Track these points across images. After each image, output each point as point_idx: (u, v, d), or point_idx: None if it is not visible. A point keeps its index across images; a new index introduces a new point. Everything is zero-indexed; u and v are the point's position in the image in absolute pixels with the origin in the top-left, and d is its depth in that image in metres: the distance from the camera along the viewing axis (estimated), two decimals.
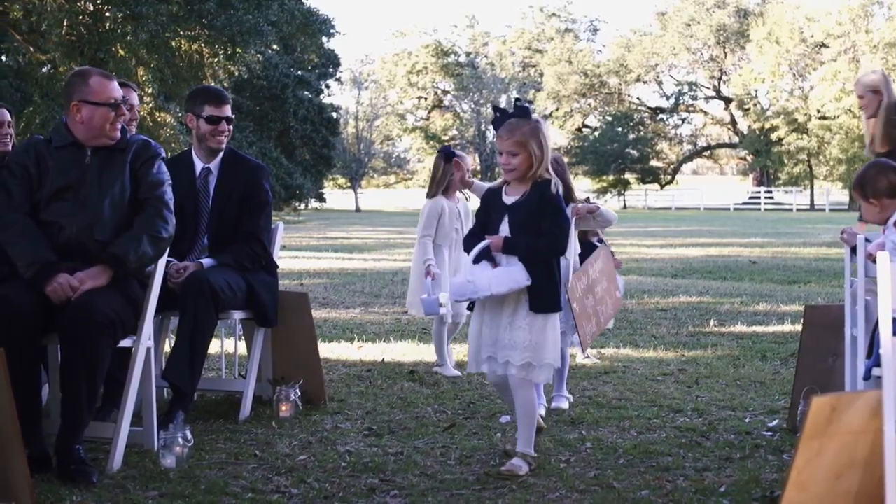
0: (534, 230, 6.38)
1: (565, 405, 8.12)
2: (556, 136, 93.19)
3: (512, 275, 6.30)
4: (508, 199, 6.49)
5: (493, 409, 7.93)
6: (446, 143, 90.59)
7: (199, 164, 7.86)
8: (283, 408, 7.59)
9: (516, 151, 6.33)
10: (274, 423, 7.38)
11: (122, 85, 7.44)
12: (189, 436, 6.48)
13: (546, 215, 6.39)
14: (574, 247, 7.97)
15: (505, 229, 6.46)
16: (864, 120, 9.15)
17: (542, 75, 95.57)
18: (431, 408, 7.95)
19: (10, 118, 8.30)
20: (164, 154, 6.87)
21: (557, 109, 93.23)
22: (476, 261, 6.43)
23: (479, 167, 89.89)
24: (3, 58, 32.28)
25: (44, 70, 28.84)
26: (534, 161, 6.34)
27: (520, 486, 6.05)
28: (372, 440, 7.10)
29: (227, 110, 7.91)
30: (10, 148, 6.71)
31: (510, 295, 6.34)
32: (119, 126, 6.58)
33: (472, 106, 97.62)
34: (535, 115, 6.55)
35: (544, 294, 6.39)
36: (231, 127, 7.91)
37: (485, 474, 6.27)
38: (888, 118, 8.56)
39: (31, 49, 27.84)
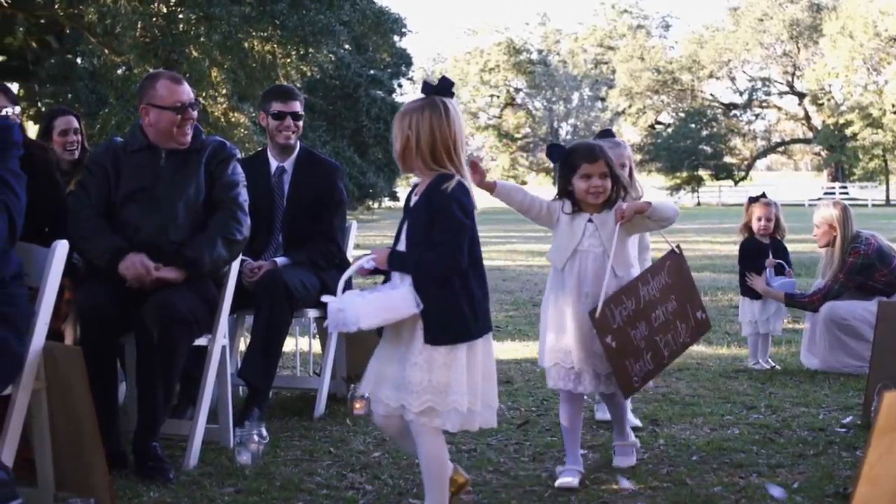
0: (427, 240, 5.16)
1: (630, 460, 6.47)
2: (629, 134, 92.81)
3: (390, 301, 5.10)
4: (413, 200, 5.34)
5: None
6: (518, 141, 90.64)
7: (273, 164, 7.92)
8: (358, 405, 7.57)
9: (396, 135, 5.26)
10: (348, 420, 7.42)
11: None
12: (264, 433, 6.54)
13: (435, 221, 5.13)
14: (629, 258, 6.37)
15: (402, 239, 5.30)
16: None
17: (614, 72, 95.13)
18: (505, 405, 7.96)
19: (76, 125, 8.37)
20: (239, 155, 6.93)
21: (630, 106, 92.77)
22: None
23: (552, 165, 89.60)
24: (79, 60, 32.56)
25: (119, 72, 29.07)
26: (399, 146, 5.26)
27: (593, 482, 6.05)
28: (446, 437, 7.11)
29: (294, 106, 7.95)
30: (76, 156, 6.79)
31: (406, 322, 5.11)
32: (188, 130, 6.63)
33: (545, 104, 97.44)
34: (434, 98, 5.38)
35: (441, 321, 5.10)
36: (299, 123, 7.95)
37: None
38: None
39: (107, 51, 28.06)
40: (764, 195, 10.20)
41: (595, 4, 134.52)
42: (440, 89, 5.35)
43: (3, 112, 6.71)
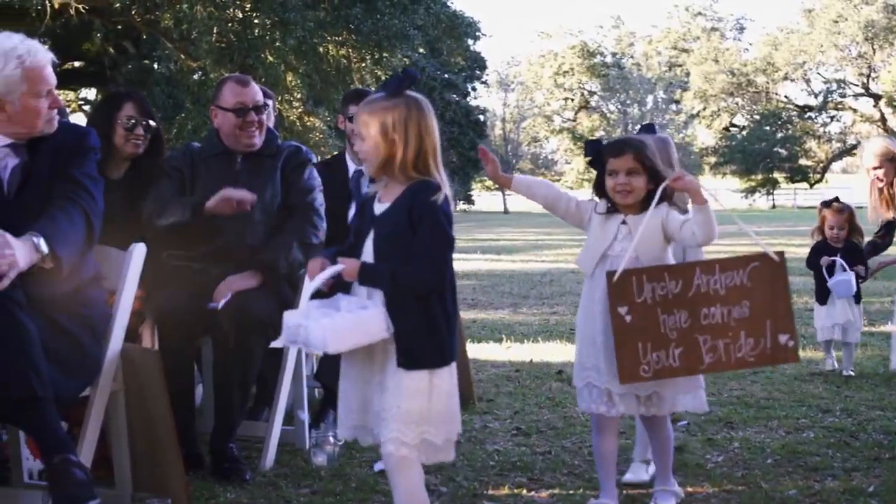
0: (403, 253, 4.66)
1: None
2: (704, 136, 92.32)
3: (361, 322, 4.60)
4: (378, 208, 4.80)
5: None
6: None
7: (351, 167, 7.93)
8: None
9: (361, 135, 4.79)
10: None
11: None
12: (340, 434, 6.57)
13: (418, 231, 4.63)
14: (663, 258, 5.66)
15: (368, 250, 4.76)
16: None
17: (688, 75, 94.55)
18: (577, 408, 7.95)
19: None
20: (314, 159, 6.97)
21: (704, 109, 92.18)
22: (327, 294, 4.81)
23: None
24: (156, 65, 32.83)
25: (195, 77, 29.27)
26: (380, 150, 4.72)
27: None
28: (520, 439, 7.12)
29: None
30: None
31: (377, 344, 4.64)
32: (253, 132, 6.67)
33: (619, 106, 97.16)
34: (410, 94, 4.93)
35: (416, 344, 4.62)
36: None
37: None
38: None
39: (183, 56, 28.28)
40: (836, 200, 9.97)
41: (669, 7, 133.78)
42: (410, 83, 4.91)
43: (131, 122, 6.79)
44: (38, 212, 5.09)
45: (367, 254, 4.76)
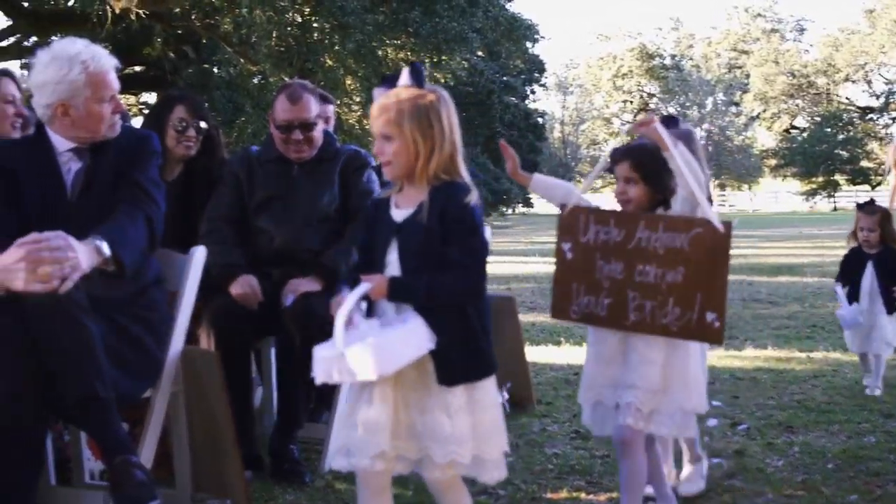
0: (434, 262, 4.28)
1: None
2: (764, 138, 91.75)
3: (408, 336, 4.21)
4: (398, 214, 4.41)
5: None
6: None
7: None
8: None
9: (389, 134, 4.35)
10: None
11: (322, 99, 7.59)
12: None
13: (452, 238, 4.28)
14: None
15: (393, 262, 4.37)
16: None
17: (748, 76, 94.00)
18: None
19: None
20: (374, 163, 6.99)
21: (765, 111, 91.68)
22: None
23: None
24: (216, 70, 33.00)
25: (254, 80, 29.42)
26: (417, 149, 4.32)
27: (726, 490, 6.02)
28: (579, 443, 7.11)
29: (327, 111, 8.03)
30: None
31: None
32: (301, 148, 6.71)
33: (679, 109, 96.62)
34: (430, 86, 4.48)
35: (456, 357, 4.30)
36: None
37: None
38: None
39: (242, 60, 28.40)
40: (871, 202, 9.41)
41: (728, 8, 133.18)
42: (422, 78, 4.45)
43: (181, 124, 6.86)
44: (100, 215, 5.14)
45: (392, 267, 4.36)
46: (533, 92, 68.37)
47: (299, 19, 26.31)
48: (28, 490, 4.77)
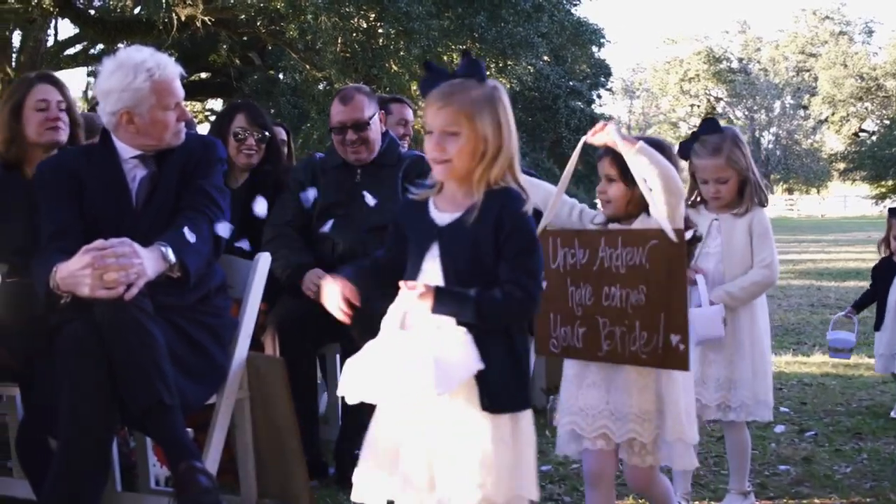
0: (480, 274, 3.87)
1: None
2: (833, 142, 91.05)
3: (464, 354, 3.78)
4: (441, 218, 3.99)
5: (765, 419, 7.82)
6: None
7: None
8: (557, 416, 7.61)
9: (455, 130, 3.91)
10: (547, 431, 7.42)
11: (395, 101, 7.59)
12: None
13: (507, 251, 3.86)
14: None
15: (434, 270, 3.95)
16: None
17: (816, 79, 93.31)
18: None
19: (285, 137, 8.57)
20: None
21: (833, 114, 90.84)
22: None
23: None
24: (281, 76, 33.11)
25: (320, 87, 29.47)
26: (486, 147, 3.92)
27: (794, 497, 5.98)
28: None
29: (404, 113, 8.01)
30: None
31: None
32: (356, 149, 6.73)
33: (746, 113, 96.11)
34: None
35: (503, 382, 3.85)
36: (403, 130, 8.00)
37: (759, 485, 6.20)
38: None
39: (308, 67, 28.46)
40: None
41: (796, 11, 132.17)
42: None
43: (241, 133, 6.91)
44: (165, 222, 5.18)
45: (429, 274, 3.96)
46: (599, 96, 68.11)
47: (364, 25, 26.34)
48: (94, 496, 4.80)
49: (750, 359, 5.52)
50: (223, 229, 5.41)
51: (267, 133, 6.98)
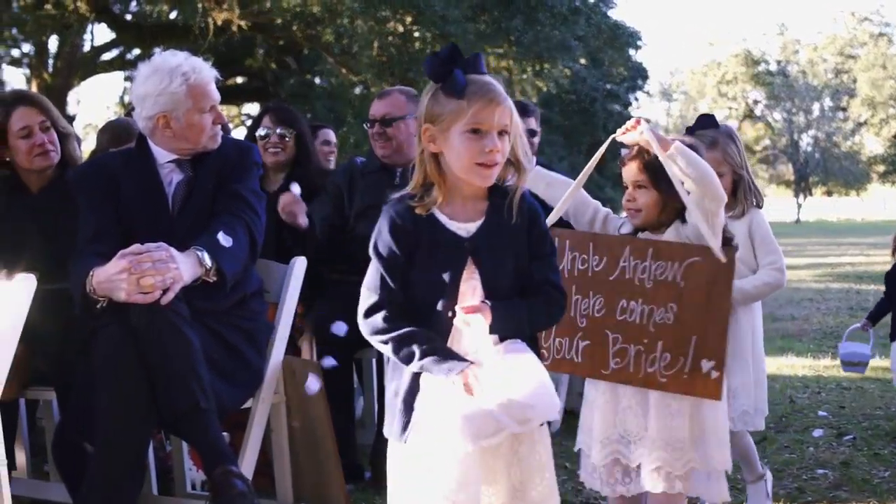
0: (521, 280, 3.73)
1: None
2: (872, 144, 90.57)
3: (541, 376, 3.51)
4: (461, 228, 3.71)
5: (805, 423, 7.78)
6: (758, 154, 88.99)
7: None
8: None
9: (511, 131, 3.68)
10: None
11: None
12: None
13: (540, 246, 3.78)
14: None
15: (473, 289, 3.68)
16: None
17: (855, 81, 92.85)
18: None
19: (334, 139, 8.63)
20: None
21: (872, 116, 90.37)
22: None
23: (792, 178, 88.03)
24: (317, 80, 33.19)
25: (356, 91, 29.53)
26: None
27: (832, 501, 5.94)
28: None
29: (531, 123, 7.96)
30: (332, 166, 7.00)
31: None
32: (381, 144, 6.77)
33: (784, 115, 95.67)
34: None
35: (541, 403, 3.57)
36: (534, 140, 7.96)
37: (796, 489, 6.16)
38: None
39: (344, 70, 28.50)
40: None
41: (834, 13, 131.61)
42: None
43: (264, 133, 6.94)
44: (202, 226, 5.18)
45: (470, 294, 3.68)
46: (636, 99, 67.95)
47: (401, 29, 26.35)
48: (131, 499, 4.81)
49: (751, 367, 5.37)
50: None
51: (292, 131, 6.99)
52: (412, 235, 3.74)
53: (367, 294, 3.80)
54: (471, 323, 3.57)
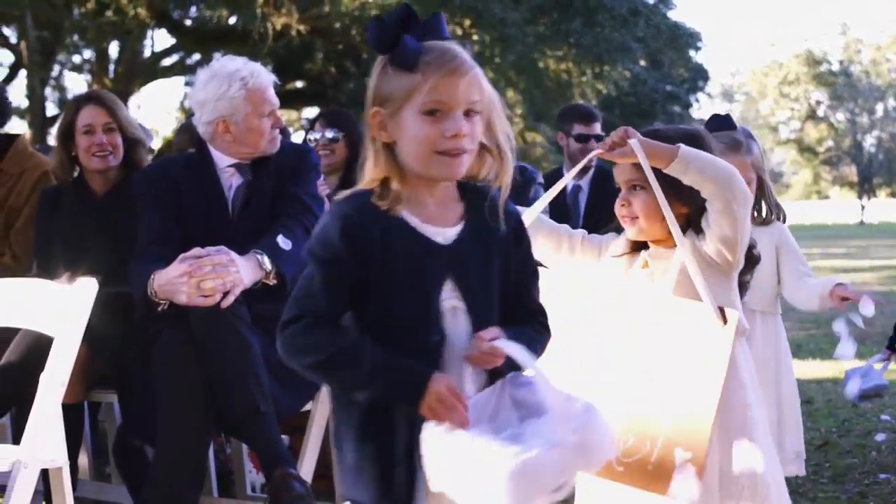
0: (499, 306, 3.00)
1: None
2: None
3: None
4: (437, 234, 2.95)
5: (868, 427, 7.72)
6: (820, 155, 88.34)
7: (571, 181, 7.94)
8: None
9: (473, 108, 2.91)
10: None
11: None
12: None
13: (528, 264, 3.12)
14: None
15: (452, 310, 2.94)
16: None
17: None
18: (805, 425, 7.80)
19: None
20: (540, 179, 6.99)
21: None
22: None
23: (856, 179, 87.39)
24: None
25: None
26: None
27: None
28: None
29: (596, 128, 7.96)
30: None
31: None
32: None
33: (848, 116, 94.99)
34: None
35: None
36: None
37: (858, 494, 6.12)
38: None
39: None
40: None
41: None
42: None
43: (315, 137, 6.95)
44: (261, 230, 5.21)
45: (453, 317, 2.94)
46: (697, 100, 67.65)
47: (459, 32, 26.37)
48: (191, 501, 4.84)
49: (775, 400, 5.02)
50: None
51: (342, 133, 6.97)
52: (374, 240, 2.91)
53: (292, 305, 2.99)
54: (508, 349, 2.80)
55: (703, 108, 65.62)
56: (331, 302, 2.90)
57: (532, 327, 3.05)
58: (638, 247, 3.83)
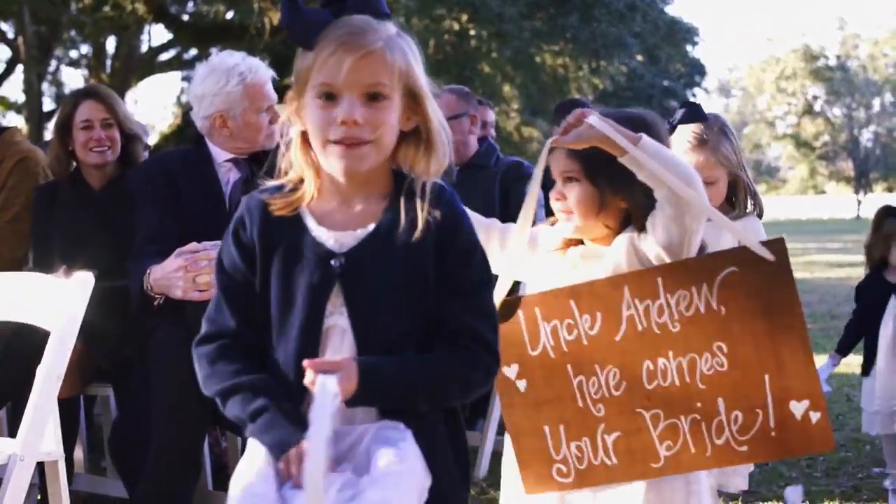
0: (419, 323, 2.63)
1: None
2: None
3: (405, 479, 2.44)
4: (337, 240, 2.63)
5: (861, 423, 7.74)
6: (817, 150, 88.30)
7: None
8: None
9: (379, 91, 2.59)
10: None
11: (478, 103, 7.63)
12: None
13: (463, 278, 2.66)
14: None
15: (342, 330, 2.62)
16: None
17: None
18: None
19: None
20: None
21: None
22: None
23: (852, 174, 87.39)
24: None
25: None
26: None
27: (889, 500, 5.90)
28: None
29: None
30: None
31: None
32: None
33: (844, 111, 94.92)
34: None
35: (454, 488, 2.67)
36: None
37: (852, 488, 6.14)
38: None
39: None
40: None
41: (894, 6, 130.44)
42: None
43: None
44: None
45: (339, 340, 2.63)
46: (694, 95, 67.60)
47: (456, 27, 26.40)
48: (186, 495, 4.85)
49: None
50: None
51: None
52: (263, 242, 2.65)
53: (203, 321, 2.80)
54: (317, 388, 2.37)
55: (700, 103, 65.64)
56: (229, 318, 2.69)
57: (452, 356, 2.60)
58: (573, 243, 3.41)
